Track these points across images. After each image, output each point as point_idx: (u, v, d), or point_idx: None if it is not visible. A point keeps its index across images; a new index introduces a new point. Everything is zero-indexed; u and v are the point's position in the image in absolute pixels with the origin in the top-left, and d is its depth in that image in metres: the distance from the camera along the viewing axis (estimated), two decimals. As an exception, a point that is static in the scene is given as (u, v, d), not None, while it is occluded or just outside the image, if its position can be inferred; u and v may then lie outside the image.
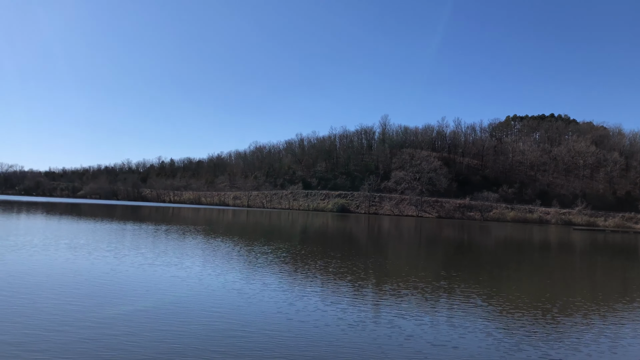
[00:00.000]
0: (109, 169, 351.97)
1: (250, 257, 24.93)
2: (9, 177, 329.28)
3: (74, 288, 14.54)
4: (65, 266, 18.75)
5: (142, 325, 10.84)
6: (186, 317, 11.80)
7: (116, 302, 13.01)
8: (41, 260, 20.06)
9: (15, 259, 19.81)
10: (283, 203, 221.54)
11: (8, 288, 13.96)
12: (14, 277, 15.75)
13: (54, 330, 10.02)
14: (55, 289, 14.29)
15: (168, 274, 18.17)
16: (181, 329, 10.70)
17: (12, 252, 21.84)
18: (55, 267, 18.34)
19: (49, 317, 11.04)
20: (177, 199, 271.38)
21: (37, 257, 20.89)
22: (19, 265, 18.42)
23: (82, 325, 10.55)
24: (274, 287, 16.50)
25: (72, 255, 21.84)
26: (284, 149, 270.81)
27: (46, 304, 12.27)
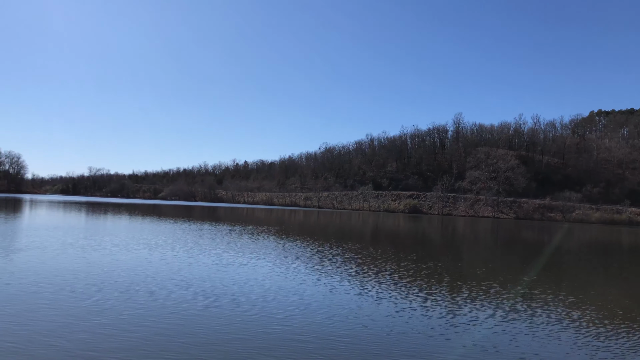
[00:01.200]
0: (187, 171, 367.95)
1: (321, 258, 24.99)
2: (97, 180, 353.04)
3: (152, 286, 15.17)
4: (143, 265, 19.65)
5: (211, 324, 11.07)
6: (255, 318, 11.92)
7: (186, 300, 13.41)
8: (122, 259, 21.15)
9: (97, 258, 21.02)
10: (353, 204, 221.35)
11: (84, 285, 14.80)
12: (93, 275, 16.67)
13: (132, 327, 10.47)
14: (132, 286, 14.96)
15: (240, 273, 18.55)
16: (248, 329, 10.82)
17: (96, 251, 23.22)
18: (133, 266, 19.26)
19: (130, 312, 11.56)
20: (251, 200, 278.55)
21: (118, 256, 22.06)
22: (99, 263, 19.52)
23: (160, 321, 10.94)
24: (344, 289, 16.36)
25: (149, 255, 22.89)
26: (354, 149, 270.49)
27: (126, 301, 12.86)
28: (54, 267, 17.77)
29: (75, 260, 19.89)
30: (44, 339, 9.29)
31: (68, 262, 19.29)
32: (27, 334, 9.55)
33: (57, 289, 13.86)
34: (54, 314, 11.10)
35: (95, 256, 21.39)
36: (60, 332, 9.78)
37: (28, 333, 9.58)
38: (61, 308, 11.74)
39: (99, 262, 19.75)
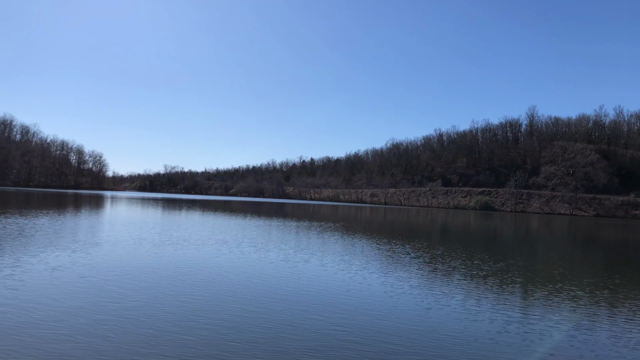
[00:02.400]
0: (256, 168, 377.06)
1: (387, 256, 24.61)
2: (172, 177, 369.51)
3: (215, 282, 15.49)
4: (210, 260, 20.15)
5: (269, 322, 11.09)
6: (315, 317, 11.82)
7: (247, 297, 13.54)
8: (191, 254, 21.82)
9: (168, 253, 21.81)
10: (421, 200, 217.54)
11: (148, 279, 15.33)
12: (159, 269, 17.27)
13: (199, 322, 10.69)
14: (194, 281, 15.34)
15: (305, 270, 18.58)
16: (308, 329, 10.73)
17: (167, 246, 24.14)
18: (200, 261, 19.79)
19: (188, 307, 11.83)
20: (317, 196, 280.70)
21: (187, 251, 22.80)
22: (168, 258, 20.22)
23: (218, 318, 11.11)
24: (411, 289, 15.95)
25: (217, 250, 23.48)
26: (422, 145, 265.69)
27: (184, 295, 13.19)
28: (127, 261, 18.59)
29: (147, 254, 20.74)
30: (110, 334, 9.66)
31: (140, 256, 20.15)
32: (99, 328, 9.97)
33: (126, 283, 14.46)
34: (121, 308, 11.56)
35: (166, 251, 22.21)
36: (127, 326, 10.15)
37: (100, 327, 10.01)
38: (126, 302, 12.21)
39: (168, 256, 20.48)
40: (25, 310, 10.72)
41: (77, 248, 21.23)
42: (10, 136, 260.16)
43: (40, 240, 23.12)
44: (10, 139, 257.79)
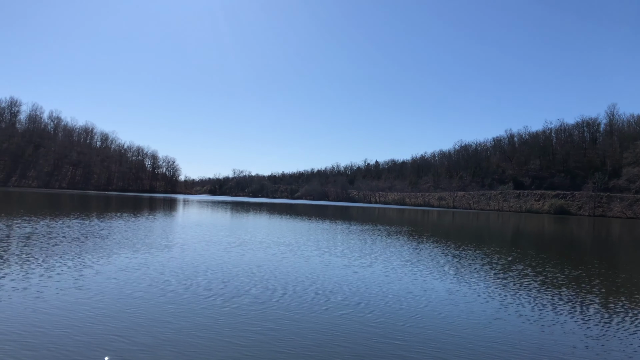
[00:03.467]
0: (320, 172, 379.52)
1: (456, 261, 23.78)
2: (240, 181, 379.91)
3: (276, 285, 15.49)
4: (274, 263, 20.25)
5: (326, 327, 10.87)
6: (376, 324, 11.49)
7: (310, 301, 13.40)
8: (256, 257, 22.06)
9: (235, 255, 22.16)
10: (491, 204, 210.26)
11: (225, 282, 15.54)
12: (224, 272, 17.51)
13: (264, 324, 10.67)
14: (257, 285, 15.40)
15: (369, 275, 18.24)
16: (368, 336, 10.42)
17: (235, 249, 24.57)
18: (265, 264, 19.93)
19: (248, 309, 11.85)
20: (382, 199, 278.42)
21: (254, 254, 23.08)
22: (234, 260, 20.53)
23: (278, 322, 11.03)
24: (480, 296, 15.22)
25: (280, 254, 23.61)
26: (492, 146, 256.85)
27: (246, 298, 13.24)
28: (193, 264, 19.05)
29: (214, 257, 21.18)
30: (165, 336, 9.81)
31: (207, 259, 20.60)
32: (155, 329, 10.17)
33: (188, 285, 14.76)
34: (181, 310, 11.76)
35: (232, 254, 22.60)
36: (184, 329, 10.29)
37: (156, 329, 10.21)
38: (187, 304, 12.41)
39: (233, 259, 20.80)
40: (91, 308, 11.16)
41: (147, 250, 22.08)
42: (91, 143, 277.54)
43: (114, 243, 24.27)
44: (92, 146, 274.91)
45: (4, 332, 9.13)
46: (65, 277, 14.53)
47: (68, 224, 33.32)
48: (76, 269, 16.03)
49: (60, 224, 32.44)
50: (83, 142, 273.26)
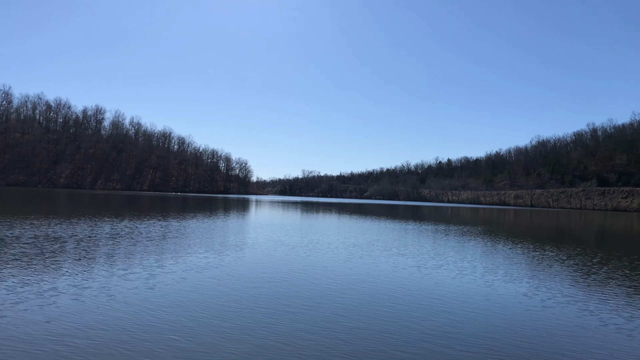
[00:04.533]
0: (390, 171, 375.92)
1: (534, 264, 22.28)
2: (309, 181, 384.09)
3: (343, 287, 15.04)
4: (341, 264, 19.85)
5: (416, 331, 10.27)
6: (447, 330, 10.75)
7: (378, 303, 12.84)
8: (323, 257, 21.76)
9: (303, 256, 21.99)
10: (572, 202, 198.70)
11: (290, 283, 15.31)
12: (295, 274, 17.29)
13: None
14: (324, 286, 15.03)
15: (439, 277, 17.40)
16: (440, 343, 9.73)
17: (303, 249, 24.42)
18: (332, 265, 19.56)
19: (311, 313, 11.48)
20: (455, 198, 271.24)
21: (321, 255, 22.81)
22: (302, 262, 20.32)
23: (341, 326, 10.58)
24: (559, 301, 13.98)
25: (349, 254, 23.17)
26: (572, 141, 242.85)
27: (311, 300, 12.89)
28: (261, 264, 19.04)
29: (282, 257, 21.11)
30: (229, 336, 9.63)
31: (275, 259, 20.56)
32: (218, 330, 10.04)
33: (257, 285, 14.65)
34: (241, 309, 11.60)
35: (300, 254, 22.44)
36: (247, 329, 10.09)
37: (220, 329, 10.07)
38: (251, 304, 12.25)
39: (301, 260, 20.61)
40: (158, 307, 11.27)
41: (219, 250, 22.41)
42: (169, 147, 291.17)
43: (188, 242, 24.91)
44: (170, 150, 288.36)
45: (72, 329, 9.34)
46: (138, 276, 14.90)
47: (147, 224, 34.75)
48: (149, 268, 16.44)
49: (139, 225, 33.90)
50: (162, 147, 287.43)
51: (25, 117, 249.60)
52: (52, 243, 21.65)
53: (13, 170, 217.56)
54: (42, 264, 16.18)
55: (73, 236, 24.80)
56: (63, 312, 10.52)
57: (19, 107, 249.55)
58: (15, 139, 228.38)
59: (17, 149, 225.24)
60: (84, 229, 28.66)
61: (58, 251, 19.33)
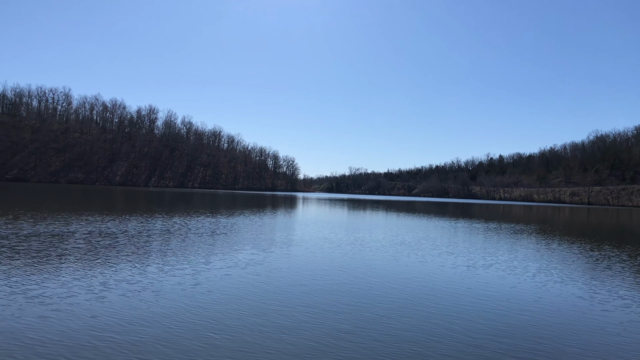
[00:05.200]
0: (439, 168, 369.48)
1: (592, 262, 21.04)
2: (356, 178, 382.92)
3: (390, 287, 14.61)
4: (389, 263, 19.38)
5: (464, 334, 9.76)
6: (512, 331, 10.15)
7: (424, 304, 12.34)
8: (370, 255, 21.35)
9: (349, 254, 21.65)
10: (634, 200, 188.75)
11: (334, 282, 15.01)
12: (340, 272, 16.97)
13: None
14: (368, 285, 14.63)
15: (493, 276, 16.65)
16: (506, 343, 9.17)
17: (348, 246, 24.09)
18: (378, 264, 19.12)
19: (354, 313, 11.13)
20: (507, 196, 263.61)
21: (367, 252, 22.40)
22: (348, 260, 19.98)
23: (392, 327, 10.18)
24: (618, 306, 13.03)
25: (396, 252, 22.65)
26: (634, 136, 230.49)
27: (354, 299, 12.53)
28: (306, 260, 18.86)
29: (327, 255, 20.87)
30: (270, 336, 9.42)
31: (319, 257, 20.34)
32: (258, 330, 9.86)
33: (299, 283, 14.44)
34: (282, 307, 11.38)
35: (346, 252, 22.13)
36: (296, 330, 9.86)
37: (260, 329, 9.89)
38: (289, 302, 12.02)
39: (347, 258, 20.30)
40: (201, 303, 11.24)
41: (264, 246, 22.44)
42: (219, 145, 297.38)
43: (235, 239, 25.10)
44: (220, 148, 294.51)
45: (114, 324, 9.42)
46: (184, 273, 15.03)
47: (197, 221, 35.39)
48: (196, 265, 16.58)
49: (189, 221, 34.56)
50: (212, 145, 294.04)
51: (84, 117, 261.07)
52: (104, 239, 22.31)
53: (73, 168, 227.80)
54: (94, 260, 16.62)
55: (125, 232, 25.49)
56: (108, 307, 10.67)
57: (78, 108, 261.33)
58: (74, 139, 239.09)
59: (76, 148, 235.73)
60: (135, 226, 29.45)
61: (110, 247, 19.86)
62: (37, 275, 13.56)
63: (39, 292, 11.66)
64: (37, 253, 17.36)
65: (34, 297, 11.18)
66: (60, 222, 28.96)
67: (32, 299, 11.06)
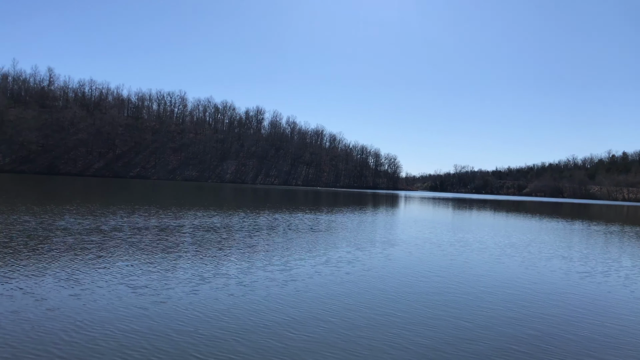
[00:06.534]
0: (552, 166, 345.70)
1: None
2: (462, 177, 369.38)
3: (494, 293, 13.43)
4: (494, 267, 18.02)
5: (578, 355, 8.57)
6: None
7: (533, 314, 11.08)
8: (475, 258, 20.05)
9: (450, 256, 20.50)
10: None
11: (433, 285, 14.14)
12: (438, 275, 15.99)
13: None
14: (472, 290, 13.54)
15: (618, 285, 14.74)
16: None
17: (451, 248, 22.86)
18: (482, 267, 17.84)
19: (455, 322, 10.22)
20: (632, 196, 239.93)
21: (471, 255, 21.09)
22: (449, 262, 18.87)
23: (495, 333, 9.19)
24: None
25: (501, 254, 21.07)
26: None
27: (457, 306, 11.58)
28: (402, 261, 18.09)
29: (426, 255, 19.93)
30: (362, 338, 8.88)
31: (417, 257, 19.47)
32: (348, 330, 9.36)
33: (391, 284, 13.76)
34: (369, 308, 10.78)
35: (447, 252, 21.02)
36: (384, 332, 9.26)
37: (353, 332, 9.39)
38: (380, 305, 11.38)
39: (447, 260, 19.21)
40: (277, 305, 11.02)
41: (359, 245, 22.00)
42: (321, 144, 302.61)
43: (333, 237, 24.96)
44: (322, 147, 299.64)
45: (200, 315, 9.48)
46: (274, 269, 14.99)
47: (296, 217, 35.91)
48: (287, 261, 16.53)
49: (289, 217, 35.15)
50: (315, 144, 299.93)
51: (197, 119, 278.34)
52: (208, 232, 23.24)
53: (188, 166, 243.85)
54: (192, 253, 17.25)
55: (228, 227, 26.41)
56: (198, 299, 10.80)
57: (192, 110, 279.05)
58: (189, 139, 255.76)
59: (191, 147, 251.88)
60: (238, 221, 30.45)
61: (211, 241, 20.58)
62: (138, 267, 14.28)
63: (141, 283, 12.20)
64: (146, 245, 18.41)
65: (137, 288, 11.69)
66: (170, 216, 30.77)
67: (136, 289, 11.57)
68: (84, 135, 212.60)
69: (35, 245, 17.04)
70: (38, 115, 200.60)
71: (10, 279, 11.88)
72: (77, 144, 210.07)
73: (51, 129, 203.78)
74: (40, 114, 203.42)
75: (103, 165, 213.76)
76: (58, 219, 25.72)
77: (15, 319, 8.80)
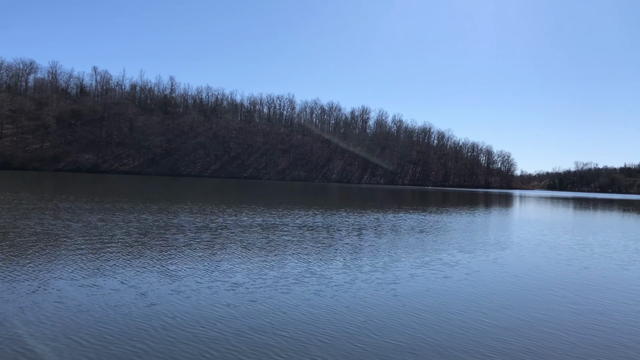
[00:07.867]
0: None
1: None
2: (584, 174, 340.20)
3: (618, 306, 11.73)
4: (621, 275, 15.94)
5: None
6: None
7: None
8: (595, 264, 17.96)
9: (568, 262, 18.57)
10: None
11: (553, 295, 12.73)
12: (557, 284, 14.41)
13: None
14: (602, 299, 11.94)
15: None
16: None
17: (567, 251, 20.76)
18: (607, 276, 15.84)
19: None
20: None
21: (596, 261, 18.95)
22: (566, 268, 17.03)
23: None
24: None
25: (630, 261, 18.63)
26: None
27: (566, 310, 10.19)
28: (510, 266, 16.66)
29: (538, 260, 18.23)
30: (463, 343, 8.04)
31: (528, 260, 17.87)
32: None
33: (494, 291, 12.57)
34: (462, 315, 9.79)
35: (565, 256, 19.09)
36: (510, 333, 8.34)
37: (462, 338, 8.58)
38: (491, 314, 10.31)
39: (561, 264, 17.38)
40: (362, 307, 10.45)
41: (465, 247, 20.76)
42: (429, 142, 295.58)
43: (438, 238, 23.92)
44: (429, 145, 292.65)
45: (277, 310, 9.25)
46: (370, 269, 14.53)
47: (399, 217, 35.10)
48: (388, 261, 15.99)
49: (392, 218, 34.45)
50: (422, 142, 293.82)
51: (305, 120, 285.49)
52: (308, 231, 23.35)
53: (296, 167, 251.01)
54: (292, 251, 17.29)
55: (330, 226, 26.39)
56: (289, 299, 10.64)
57: (300, 112, 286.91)
58: (297, 140, 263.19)
59: (299, 149, 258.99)
60: (338, 220, 30.36)
61: (309, 239, 20.59)
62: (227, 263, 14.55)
63: (238, 281, 12.36)
64: (249, 242, 18.86)
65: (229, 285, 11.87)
66: (274, 215, 31.52)
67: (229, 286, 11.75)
68: (202, 139, 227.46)
69: (148, 241, 18.17)
70: (162, 121, 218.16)
71: (115, 273, 12.64)
72: (196, 147, 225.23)
73: (173, 134, 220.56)
74: (164, 119, 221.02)
75: (219, 167, 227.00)
76: (173, 217, 27.40)
77: (117, 312, 9.22)
